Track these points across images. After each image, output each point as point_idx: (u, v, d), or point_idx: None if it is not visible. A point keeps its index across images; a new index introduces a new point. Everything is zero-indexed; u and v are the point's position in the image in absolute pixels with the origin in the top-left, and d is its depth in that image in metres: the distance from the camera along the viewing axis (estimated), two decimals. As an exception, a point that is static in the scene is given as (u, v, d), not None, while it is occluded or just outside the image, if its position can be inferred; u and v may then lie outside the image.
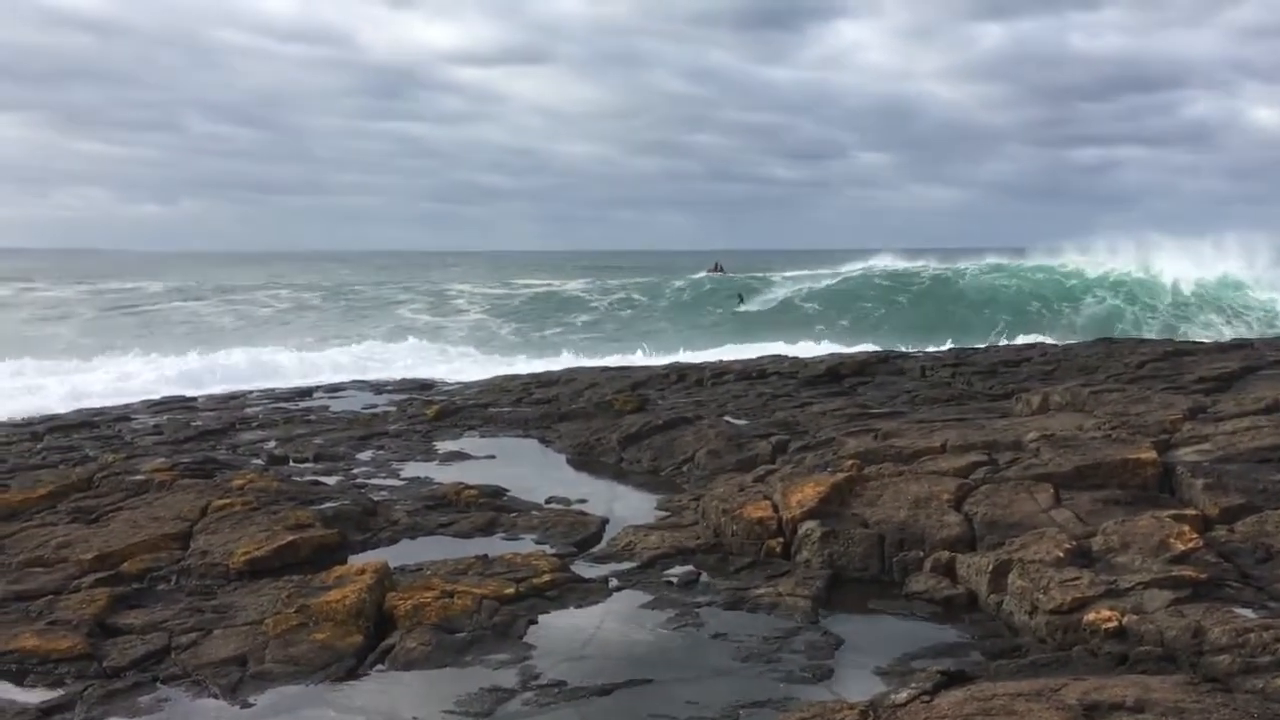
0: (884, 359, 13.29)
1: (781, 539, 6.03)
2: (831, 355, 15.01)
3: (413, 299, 36.77)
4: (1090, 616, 4.48)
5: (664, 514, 7.11)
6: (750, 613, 5.20)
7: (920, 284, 32.24)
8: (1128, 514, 5.61)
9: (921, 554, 5.63)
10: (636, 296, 35.05)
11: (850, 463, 6.79)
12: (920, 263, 37.26)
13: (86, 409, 12.82)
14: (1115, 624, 4.40)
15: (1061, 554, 5.10)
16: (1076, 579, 4.79)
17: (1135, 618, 4.40)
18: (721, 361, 14.84)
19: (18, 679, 4.54)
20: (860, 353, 15.07)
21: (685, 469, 8.42)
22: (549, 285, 40.59)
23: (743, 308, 30.82)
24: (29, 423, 12.15)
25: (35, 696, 4.35)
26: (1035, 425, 7.64)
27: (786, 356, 14.69)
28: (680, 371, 13.34)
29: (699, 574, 5.78)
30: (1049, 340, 18.57)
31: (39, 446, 10.07)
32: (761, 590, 5.43)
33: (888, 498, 6.15)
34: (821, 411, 9.81)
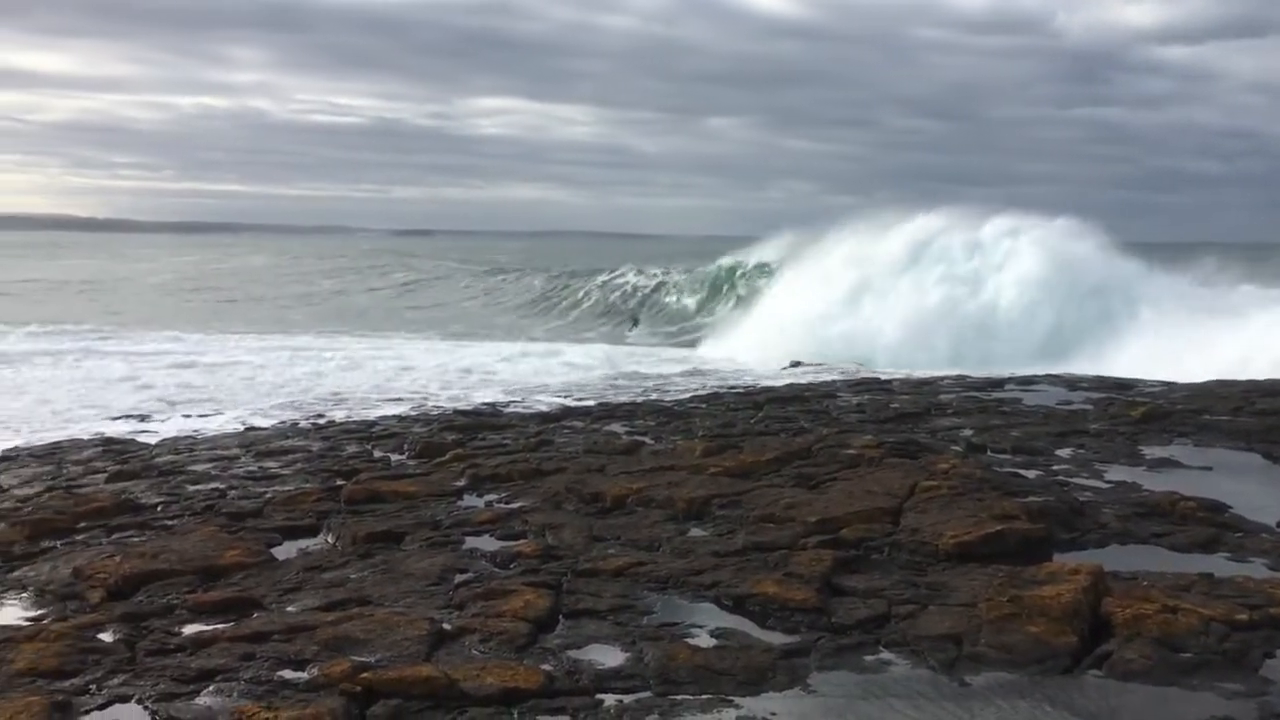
0: None
1: None
2: None
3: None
4: None
5: None
6: None
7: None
8: None
9: None
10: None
11: None
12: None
13: (797, 385, 14.14)
14: None
15: None
16: None
17: None
18: None
19: (760, 619, 5.13)
20: None
21: None
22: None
23: (635, 330, 32.16)
24: (749, 392, 13.74)
25: (776, 639, 4.87)
26: None
27: None
28: None
29: None
30: None
31: (759, 415, 11.29)
32: None
33: None
34: None
